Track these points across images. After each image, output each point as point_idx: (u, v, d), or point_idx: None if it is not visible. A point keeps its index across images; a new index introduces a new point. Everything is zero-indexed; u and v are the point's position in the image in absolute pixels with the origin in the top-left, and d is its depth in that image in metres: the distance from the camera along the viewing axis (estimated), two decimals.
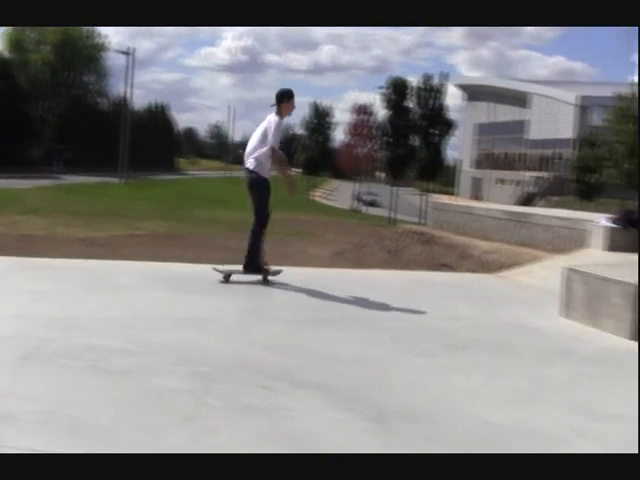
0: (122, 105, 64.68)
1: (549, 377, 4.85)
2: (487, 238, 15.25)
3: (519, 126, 71.10)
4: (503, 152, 75.42)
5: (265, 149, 7.11)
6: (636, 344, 5.86)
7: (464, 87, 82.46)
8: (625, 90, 42.82)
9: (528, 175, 64.14)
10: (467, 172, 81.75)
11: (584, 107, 61.20)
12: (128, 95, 64.15)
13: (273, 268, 7.40)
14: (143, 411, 3.57)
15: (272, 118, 7.18)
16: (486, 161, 78.15)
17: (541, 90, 69.36)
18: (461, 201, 41.72)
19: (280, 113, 7.21)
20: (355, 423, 3.66)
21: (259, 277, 7.32)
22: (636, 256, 10.67)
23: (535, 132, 68.38)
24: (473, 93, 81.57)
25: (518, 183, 65.37)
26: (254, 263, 7.23)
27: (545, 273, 9.01)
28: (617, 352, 5.69)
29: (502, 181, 70.77)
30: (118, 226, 23.78)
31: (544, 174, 62.01)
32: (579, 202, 40.60)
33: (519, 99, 70.65)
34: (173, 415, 3.52)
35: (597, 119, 52.61)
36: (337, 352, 5.02)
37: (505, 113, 74.67)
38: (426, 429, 3.68)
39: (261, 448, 3.22)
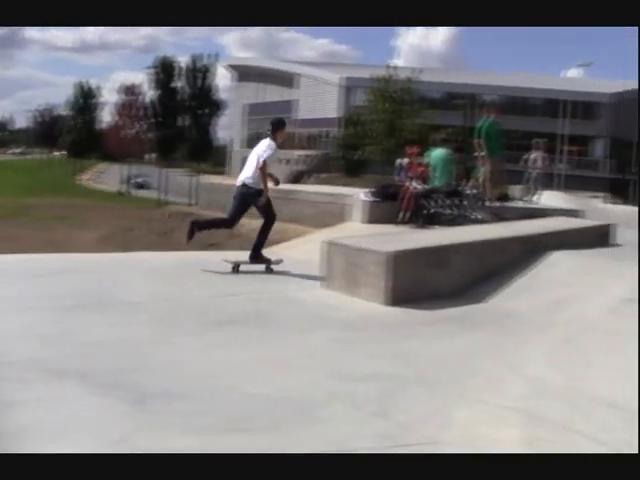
0: None
1: (308, 345, 5.09)
2: (256, 216, 15.54)
3: (288, 106, 72.79)
4: None
5: (257, 165, 8.15)
6: (389, 309, 6.30)
7: (234, 67, 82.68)
8: (382, 72, 45.53)
9: (297, 153, 66.00)
10: (238, 152, 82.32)
11: (348, 88, 63.95)
12: None
13: (275, 258, 8.23)
14: None
15: (268, 142, 8.38)
16: (257, 141, 78.17)
17: (308, 71, 71.53)
18: (231, 181, 41.91)
19: (275, 139, 8.41)
20: (116, 407, 3.62)
21: (263, 266, 8.04)
22: (391, 227, 11.48)
23: (303, 112, 70.41)
24: (243, 74, 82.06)
25: (288, 161, 67.02)
26: (259, 254, 8.16)
27: (309, 247, 9.39)
28: (372, 317, 6.06)
29: None
30: None
31: (312, 152, 64.15)
32: (345, 178, 42.46)
33: (287, 80, 72.35)
34: None
35: (360, 99, 55.30)
36: (97, 338, 4.89)
37: (274, 93, 76.08)
38: (188, 407, 3.72)
39: (23, 442, 3.11)
